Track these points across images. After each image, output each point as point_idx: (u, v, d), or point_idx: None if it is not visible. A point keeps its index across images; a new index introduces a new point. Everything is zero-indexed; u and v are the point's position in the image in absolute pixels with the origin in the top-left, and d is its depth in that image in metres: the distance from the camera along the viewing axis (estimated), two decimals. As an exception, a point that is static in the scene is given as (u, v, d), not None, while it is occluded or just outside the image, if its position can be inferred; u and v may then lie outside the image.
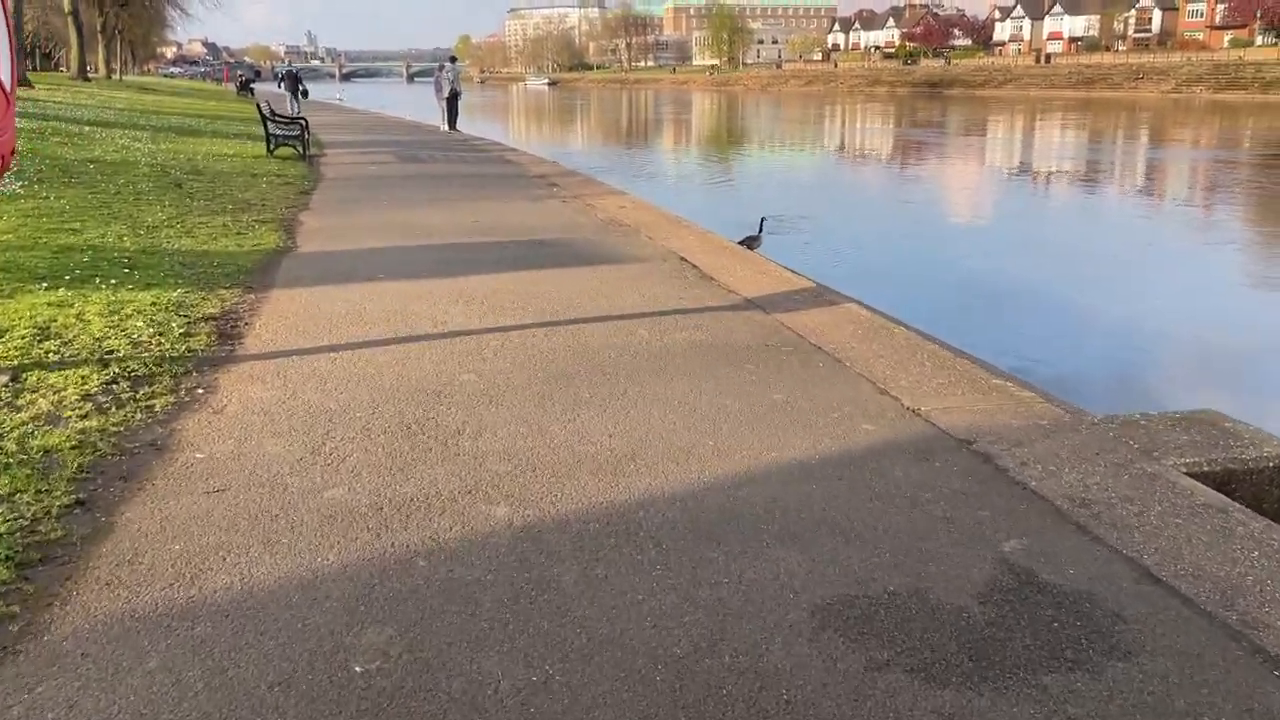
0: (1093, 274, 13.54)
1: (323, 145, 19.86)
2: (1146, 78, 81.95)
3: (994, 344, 10.01)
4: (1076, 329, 10.82)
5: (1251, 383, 8.63)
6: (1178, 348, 9.99)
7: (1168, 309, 11.32)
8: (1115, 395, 8.19)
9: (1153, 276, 13.23)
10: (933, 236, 16.97)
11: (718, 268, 7.93)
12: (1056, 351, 9.88)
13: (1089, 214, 19.55)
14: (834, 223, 18.17)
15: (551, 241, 8.96)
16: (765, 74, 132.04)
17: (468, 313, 6.09)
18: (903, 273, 13.91)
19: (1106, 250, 15.12)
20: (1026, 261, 14.28)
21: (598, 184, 14.19)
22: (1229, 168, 27.45)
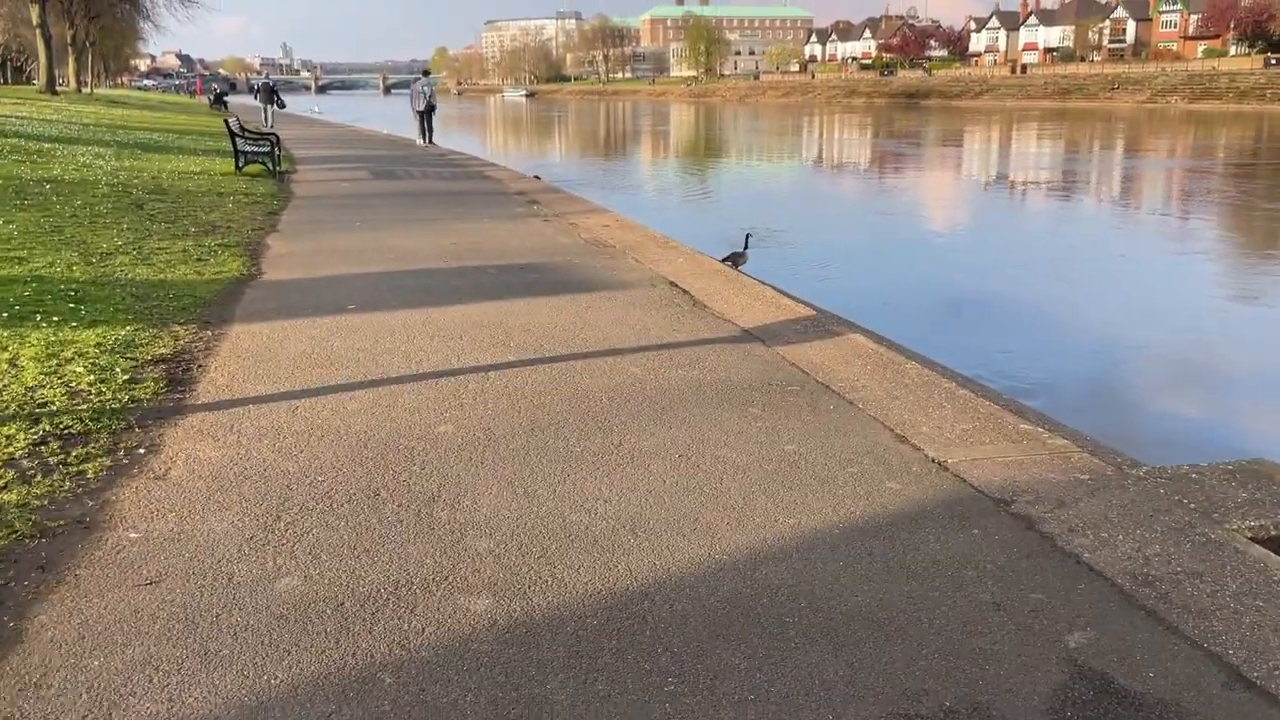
0: (1078, 287, 13.36)
1: (294, 161, 19.31)
2: (1122, 88, 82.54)
3: (987, 361, 9.73)
4: (1066, 344, 10.56)
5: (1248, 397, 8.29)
6: (1169, 361, 9.68)
7: (1152, 322, 11.07)
8: (1115, 412, 7.87)
9: (1135, 287, 13.00)
10: (917, 249, 16.68)
11: (710, 294, 7.49)
12: (1051, 368, 9.57)
13: (1071, 226, 19.31)
14: (818, 236, 17.86)
15: (534, 266, 8.49)
16: (743, 85, 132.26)
17: (445, 349, 5.61)
18: (891, 287, 13.61)
19: (1087, 263, 14.89)
20: (1013, 275, 14.03)
21: (580, 201, 13.75)
22: (1215, 177, 27.37)
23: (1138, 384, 9.47)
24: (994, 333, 11.38)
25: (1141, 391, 9.30)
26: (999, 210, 22.51)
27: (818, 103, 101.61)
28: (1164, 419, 8.30)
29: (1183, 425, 8.13)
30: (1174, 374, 9.73)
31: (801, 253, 16.20)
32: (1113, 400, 8.94)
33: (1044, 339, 10.96)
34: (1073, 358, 10.32)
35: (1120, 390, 9.25)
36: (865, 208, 23.22)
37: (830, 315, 8.27)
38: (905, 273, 15.12)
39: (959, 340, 11.04)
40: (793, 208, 22.82)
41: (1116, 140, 44.87)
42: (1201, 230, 18.53)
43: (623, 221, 11.67)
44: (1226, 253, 16.44)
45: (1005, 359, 10.26)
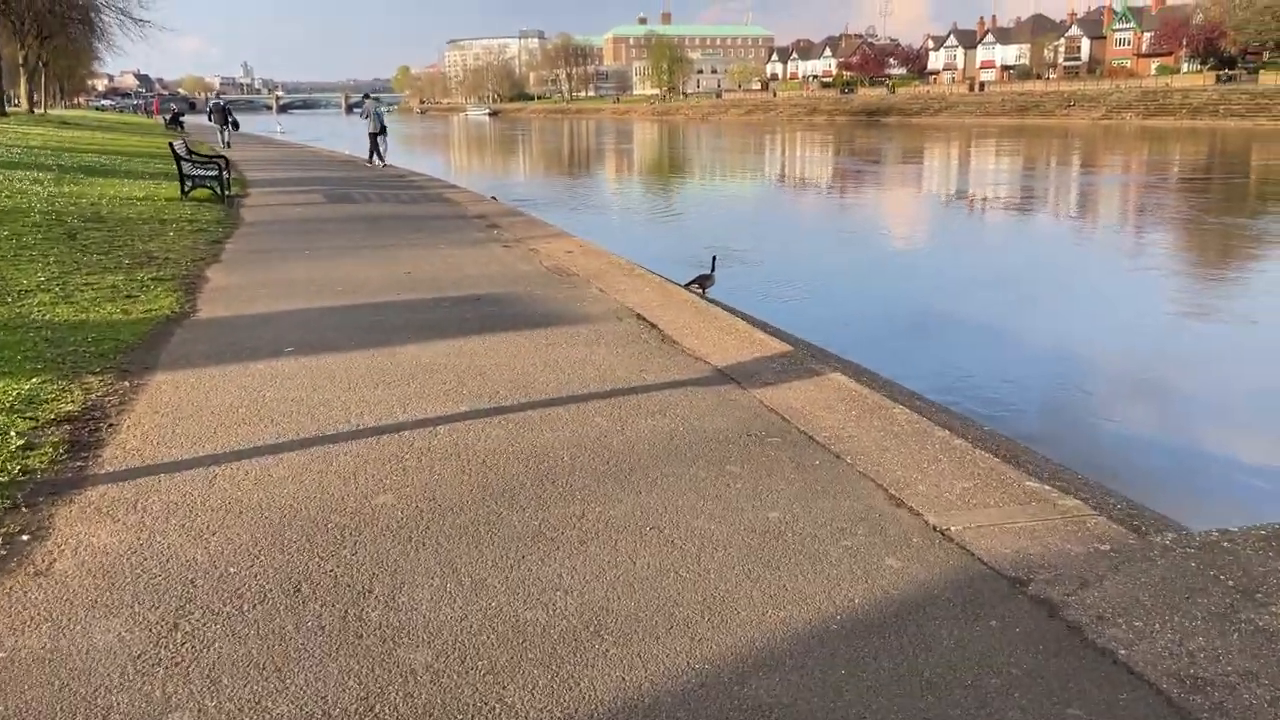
0: (1045, 305, 13.18)
1: (246, 184, 18.66)
2: (1077, 105, 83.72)
3: (959, 383, 9.39)
4: (1038, 363, 10.32)
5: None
6: (1145, 381, 9.38)
7: (1127, 339, 10.83)
8: (1103, 437, 7.53)
9: (1103, 305, 12.78)
10: (883, 268, 16.45)
11: (680, 328, 7.03)
12: (1026, 389, 9.26)
13: (1036, 243, 19.14)
14: (785, 255, 17.54)
15: (492, 298, 7.99)
16: (705, 103, 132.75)
17: (390, 399, 5.09)
18: (859, 307, 13.34)
19: (1053, 280, 14.70)
20: (980, 293, 13.80)
21: (542, 225, 13.27)
22: (1175, 193, 27.48)
23: (1116, 404, 9.17)
24: (963, 351, 11.15)
25: (1122, 409, 9.00)
26: (963, 228, 22.37)
27: (780, 120, 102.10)
28: (1152, 443, 7.97)
29: (1173, 451, 7.81)
30: (1152, 394, 9.46)
31: (769, 273, 15.86)
32: (1095, 424, 8.62)
33: (1014, 358, 10.74)
34: (1047, 379, 10.07)
35: (1103, 412, 8.95)
36: (831, 226, 22.99)
37: (807, 350, 7.85)
38: (872, 292, 14.83)
39: (930, 361, 10.77)
40: (759, 227, 22.52)
41: (1075, 157, 45.23)
42: (1177, 247, 18.45)
43: (586, 247, 11.20)
44: (1198, 270, 16.32)
45: (979, 380, 9.99)
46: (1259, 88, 73.25)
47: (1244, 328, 12.12)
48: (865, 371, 9.34)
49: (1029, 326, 12.49)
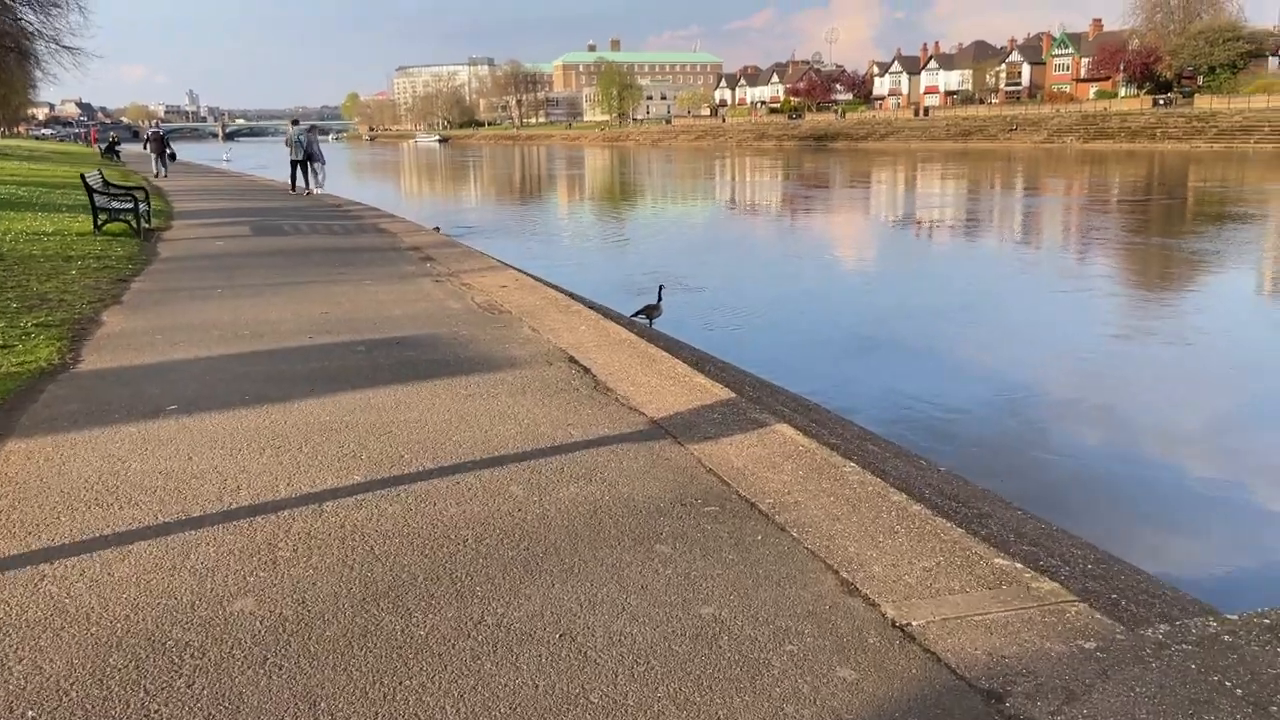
0: (985, 329, 12.98)
1: (172, 216, 17.84)
2: (1020, 129, 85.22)
3: (906, 414, 8.98)
4: (982, 391, 10.05)
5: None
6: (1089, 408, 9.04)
7: (1073, 363, 10.53)
8: (1051, 469, 7.08)
9: (1043, 328, 12.55)
10: (830, 294, 16.19)
11: (615, 372, 6.49)
12: (974, 418, 8.88)
13: (978, 265, 18.97)
14: (732, 282, 17.21)
15: (413, 340, 7.39)
16: (655, 129, 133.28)
17: (276, 468, 4.47)
18: (805, 335, 13.02)
19: (993, 303, 14.46)
20: (925, 318, 13.52)
21: (479, 257, 12.68)
22: (1124, 215, 27.66)
23: (1061, 430, 8.81)
24: (909, 378, 10.95)
25: (1065, 435, 8.64)
26: (910, 251, 22.23)
27: (729, 145, 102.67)
28: (1100, 472, 7.58)
29: (1119, 479, 7.43)
30: (1093, 419, 9.13)
31: (715, 300, 15.47)
32: (1045, 454, 8.24)
33: (959, 384, 10.52)
34: (993, 406, 9.78)
35: (1050, 440, 8.58)
36: (779, 251, 22.71)
37: (752, 391, 7.37)
38: (819, 318, 14.50)
39: (876, 388, 10.46)
40: (707, 252, 22.15)
41: (1020, 180, 45.72)
42: (1121, 269, 18.38)
43: (522, 281, 10.64)
44: (1146, 291, 16.20)
45: (926, 408, 9.65)
46: (1195, 111, 75.13)
47: (1187, 349, 11.97)
48: (811, 408, 8.90)
49: (974, 351, 12.21)
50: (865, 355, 12.17)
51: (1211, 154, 61.84)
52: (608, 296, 15.14)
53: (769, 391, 9.17)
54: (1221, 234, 23.66)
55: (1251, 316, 14.41)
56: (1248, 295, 16.17)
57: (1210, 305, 15.07)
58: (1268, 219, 27.47)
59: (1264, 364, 11.42)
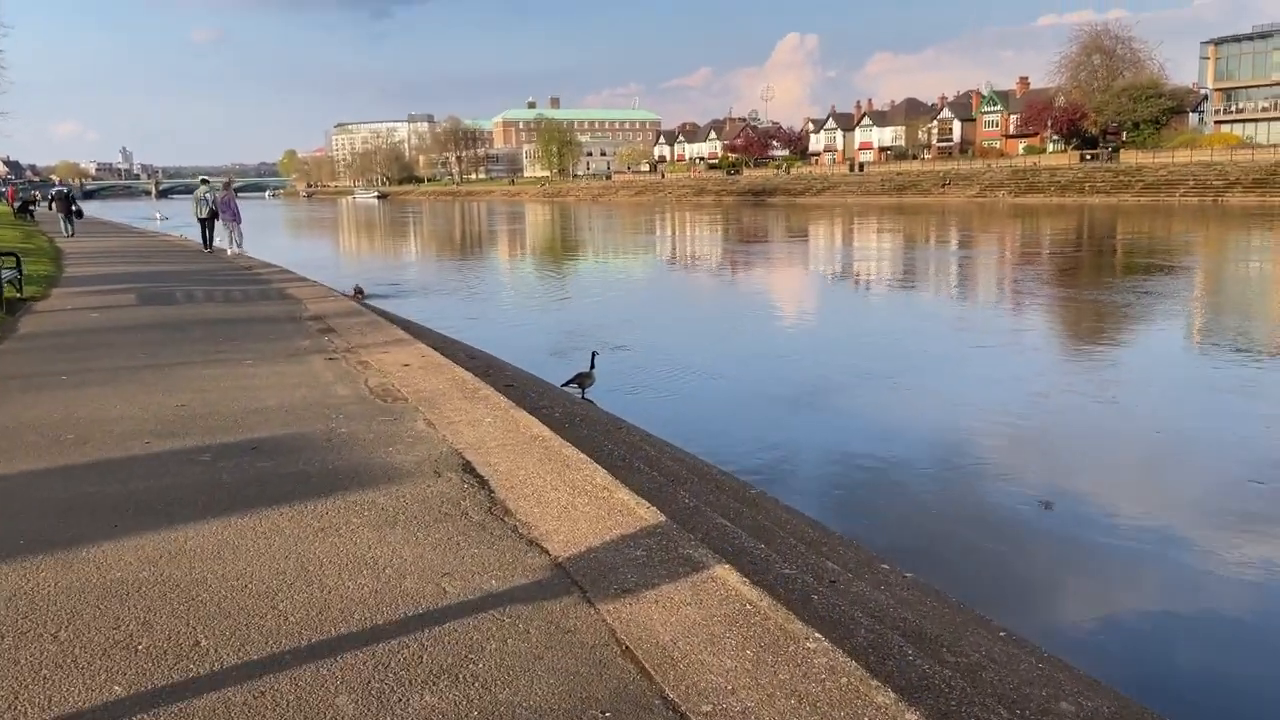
0: (924, 391, 12.05)
1: (54, 283, 16.25)
2: (953, 184, 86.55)
3: (855, 493, 7.82)
4: (931, 463, 9.06)
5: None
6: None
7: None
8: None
9: (977, 389, 11.55)
10: (769, 357, 15.11)
11: (518, 484, 5.25)
12: (924, 500, 7.76)
13: (909, 320, 18.11)
14: (668, 346, 16.14)
15: (277, 444, 6.07)
16: (596, 185, 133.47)
17: (2, 677, 3.13)
18: (742, 404, 11.86)
19: (933, 365, 13.51)
20: (863, 381, 12.48)
21: (385, 328, 11.38)
22: (1055, 267, 27.31)
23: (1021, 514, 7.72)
24: (852, 447, 9.80)
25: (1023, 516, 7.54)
26: (845, 310, 21.46)
27: (669, 201, 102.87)
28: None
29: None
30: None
31: (651, 363, 14.35)
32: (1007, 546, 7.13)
33: (904, 454, 9.47)
34: (944, 480, 8.77)
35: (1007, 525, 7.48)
36: (717, 309, 21.73)
37: (687, 504, 6.17)
38: (753, 381, 13.43)
39: (808, 457, 9.42)
40: (643, 311, 21.12)
41: (956, 233, 45.77)
42: (1062, 324, 17.69)
43: (429, 359, 9.36)
44: (1091, 348, 15.44)
45: (874, 488, 8.59)
46: (1120, 165, 76.98)
47: (1104, 407, 11.25)
48: (756, 499, 7.74)
49: (914, 416, 11.22)
50: (800, 420, 11.16)
51: (1139, 207, 63.07)
52: (538, 362, 13.99)
53: (707, 484, 7.99)
54: (1150, 285, 23.38)
55: (1174, 372, 13.86)
56: (1173, 349, 15.79)
57: (1137, 360, 14.64)
58: (1193, 270, 27.38)
59: (1170, 423, 10.74)
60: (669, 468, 7.95)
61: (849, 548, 7.31)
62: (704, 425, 10.93)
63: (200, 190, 22.89)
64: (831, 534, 7.62)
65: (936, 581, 6.46)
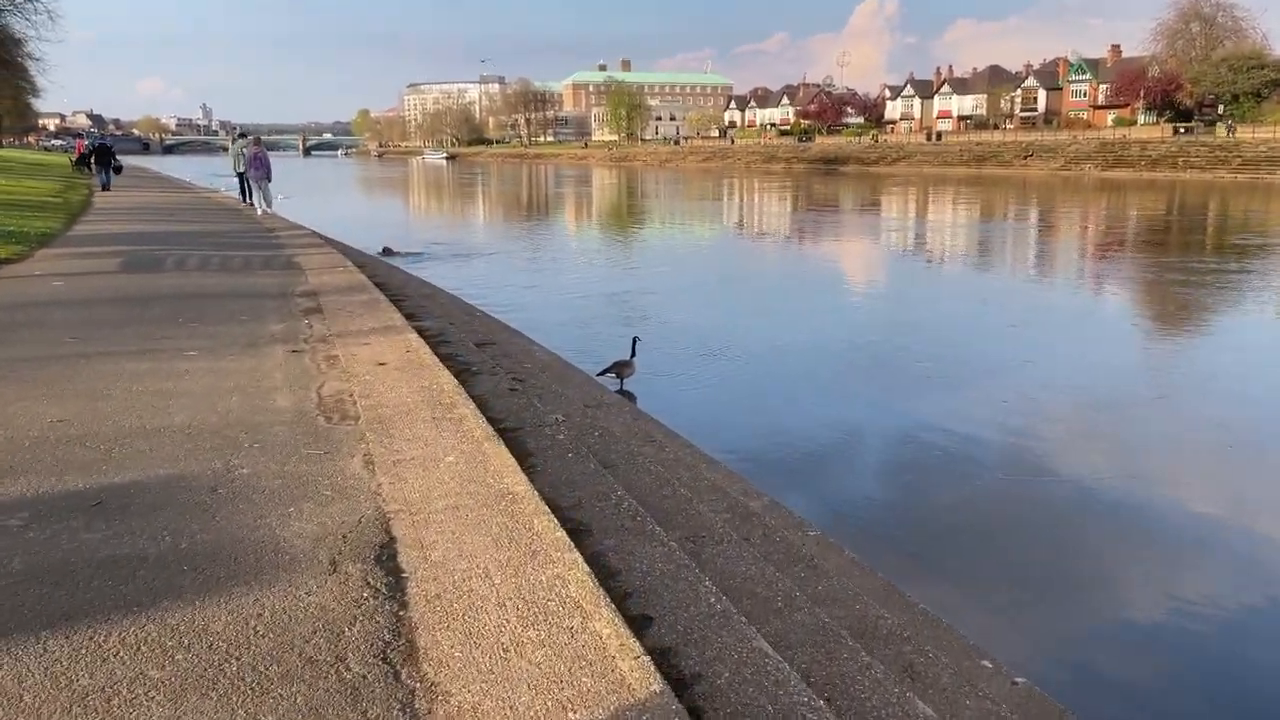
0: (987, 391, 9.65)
1: (47, 242, 14.85)
2: (1035, 155, 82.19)
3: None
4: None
5: None
6: None
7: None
8: None
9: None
10: (827, 343, 12.95)
11: (451, 593, 3.43)
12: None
13: (1004, 311, 15.78)
14: (726, 328, 14.07)
15: (133, 496, 4.32)
16: (663, 150, 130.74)
17: None
18: (807, 407, 9.77)
19: (995, 355, 11.21)
20: (948, 380, 10.19)
21: (380, 311, 9.60)
22: (1159, 246, 24.55)
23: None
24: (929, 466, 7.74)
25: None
26: (926, 291, 18.98)
27: (737, 167, 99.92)
28: None
29: None
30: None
31: (702, 347, 12.42)
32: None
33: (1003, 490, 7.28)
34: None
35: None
36: (781, 287, 19.47)
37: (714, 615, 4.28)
38: (817, 371, 11.42)
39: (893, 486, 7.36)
40: (701, 286, 19.04)
41: (1046, 209, 42.66)
42: (1171, 311, 15.26)
43: (412, 355, 7.55)
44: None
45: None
46: (1217, 140, 72.17)
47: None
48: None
49: (1011, 422, 9.08)
50: (875, 429, 9.10)
51: (1235, 185, 58.74)
52: (572, 340, 12.28)
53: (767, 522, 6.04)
54: (1249, 265, 20.61)
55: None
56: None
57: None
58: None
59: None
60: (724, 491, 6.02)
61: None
62: (750, 432, 8.98)
63: (237, 145, 21.78)
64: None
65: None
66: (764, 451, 8.70)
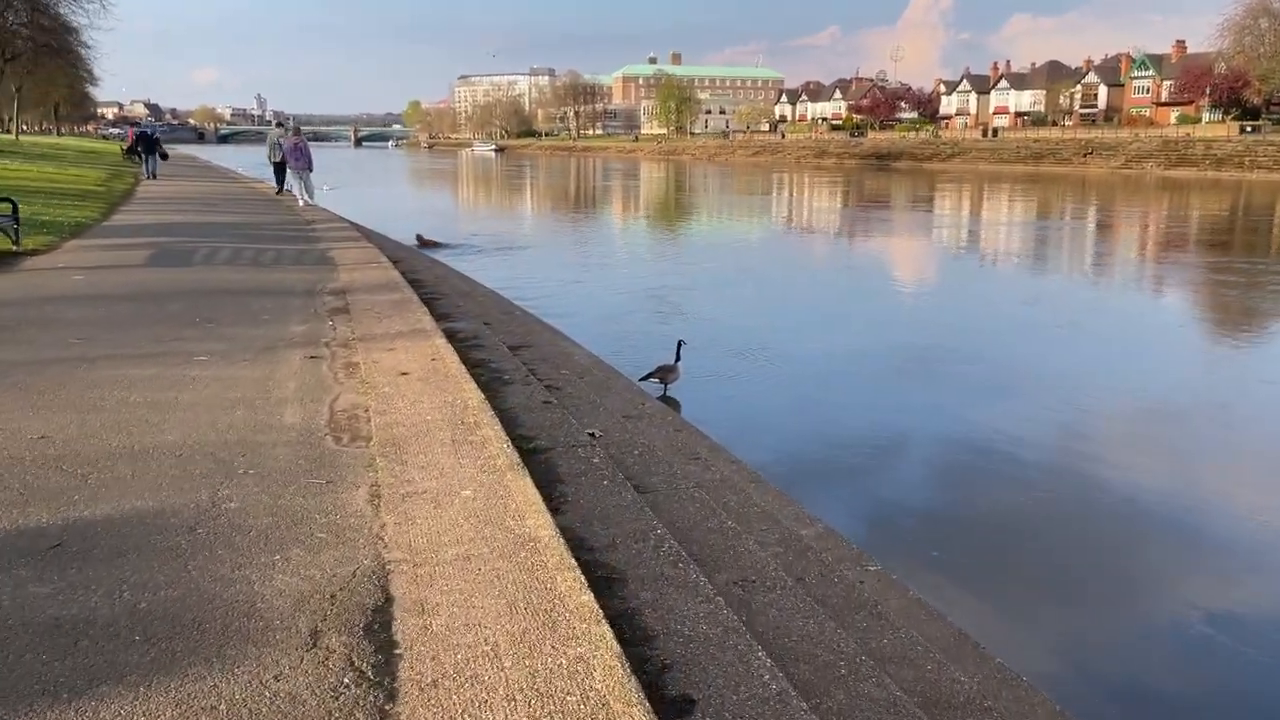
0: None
1: (82, 230, 14.55)
2: (1096, 153, 79.94)
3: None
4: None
5: None
6: None
7: None
8: None
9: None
10: (884, 352, 12.12)
11: (454, 675, 2.81)
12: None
13: (1075, 328, 14.79)
14: (776, 329, 13.37)
15: (99, 535, 3.76)
16: (712, 144, 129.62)
17: None
18: (856, 418, 8.95)
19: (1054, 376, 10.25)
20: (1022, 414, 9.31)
21: (408, 313, 9.02)
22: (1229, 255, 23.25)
23: None
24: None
25: None
26: (990, 303, 17.97)
27: (787, 162, 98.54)
28: None
29: None
30: None
31: (748, 355, 11.77)
32: None
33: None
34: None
35: None
36: (833, 289, 18.60)
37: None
38: (878, 383, 10.67)
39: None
40: (743, 287, 18.28)
41: (1098, 207, 41.15)
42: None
43: (438, 364, 6.96)
44: None
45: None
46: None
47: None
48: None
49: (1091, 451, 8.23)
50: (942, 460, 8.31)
51: (1306, 186, 56.47)
52: (615, 339, 11.79)
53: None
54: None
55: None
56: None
57: None
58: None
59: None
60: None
61: None
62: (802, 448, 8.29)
63: (273, 134, 21.48)
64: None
65: None
66: (810, 460, 8.19)
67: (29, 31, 55.12)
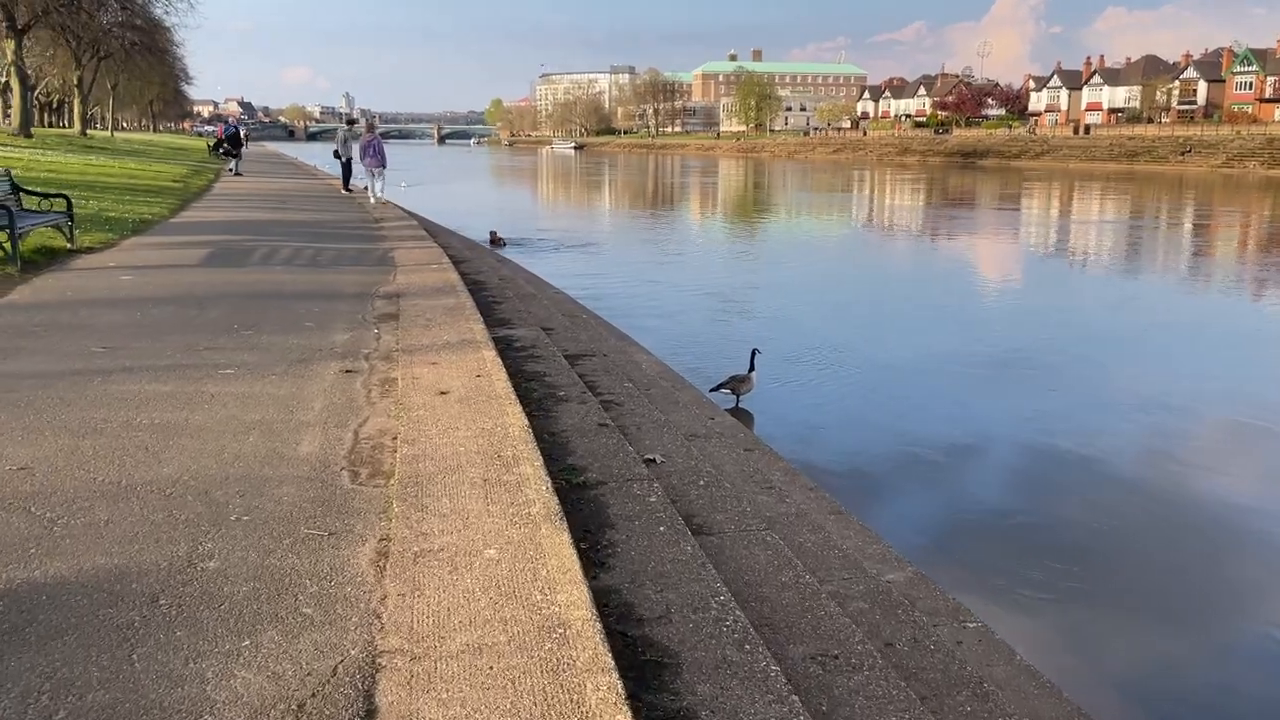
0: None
1: (145, 228, 14.31)
2: (1195, 151, 76.13)
3: None
4: None
5: None
6: None
7: None
8: None
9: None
10: (979, 367, 11.05)
11: None
12: None
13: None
14: (851, 334, 12.48)
15: (40, 605, 3.12)
16: (793, 141, 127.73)
17: None
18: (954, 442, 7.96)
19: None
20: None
21: (459, 322, 8.35)
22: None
23: None
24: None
25: None
26: (1079, 304, 16.58)
27: (869, 160, 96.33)
28: None
29: None
30: None
31: (823, 362, 10.97)
32: None
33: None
34: None
35: None
36: (914, 292, 17.39)
37: None
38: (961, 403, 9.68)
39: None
40: (821, 290, 17.32)
41: (1194, 209, 38.81)
42: None
43: (482, 382, 6.25)
44: None
45: None
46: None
47: None
48: None
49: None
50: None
51: None
52: (686, 343, 11.13)
53: None
54: None
55: None
56: None
57: None
58: None
59: None
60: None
61: None
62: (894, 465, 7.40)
63: (341, 133, 21.32)
64: None
65: None
66: (892, 481, 7.35)
67: (120, 30, 56.59)
